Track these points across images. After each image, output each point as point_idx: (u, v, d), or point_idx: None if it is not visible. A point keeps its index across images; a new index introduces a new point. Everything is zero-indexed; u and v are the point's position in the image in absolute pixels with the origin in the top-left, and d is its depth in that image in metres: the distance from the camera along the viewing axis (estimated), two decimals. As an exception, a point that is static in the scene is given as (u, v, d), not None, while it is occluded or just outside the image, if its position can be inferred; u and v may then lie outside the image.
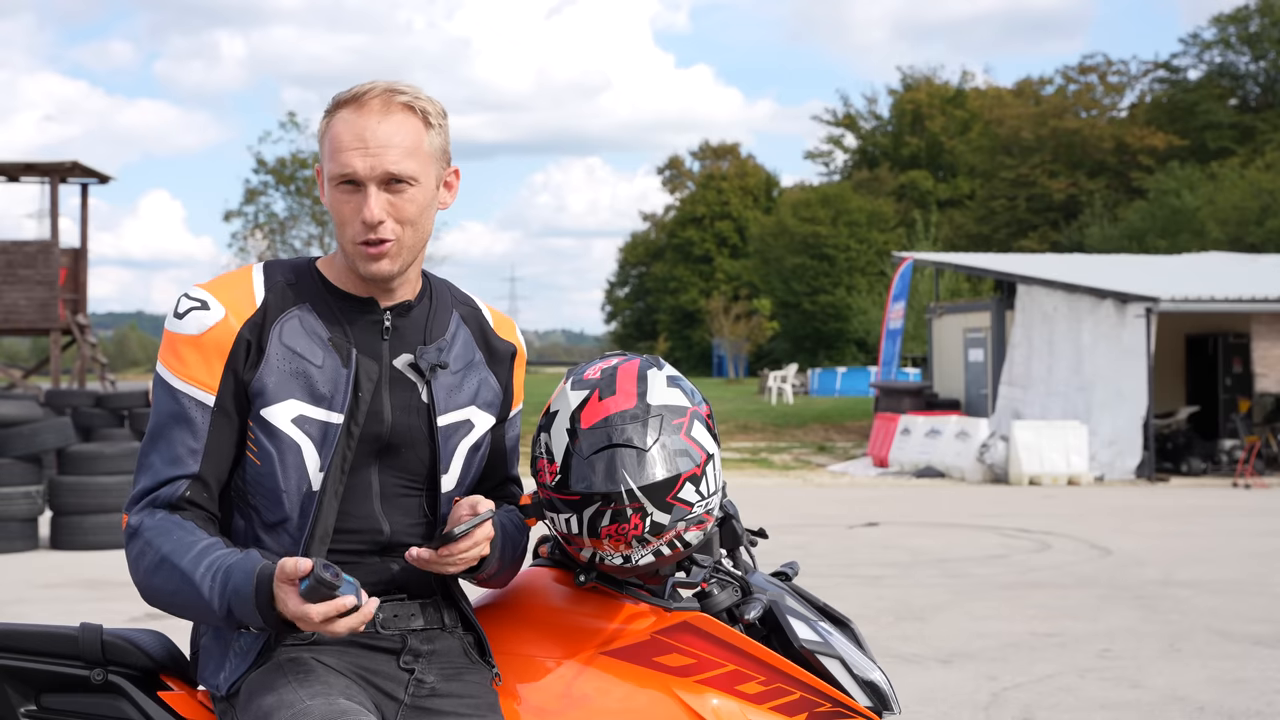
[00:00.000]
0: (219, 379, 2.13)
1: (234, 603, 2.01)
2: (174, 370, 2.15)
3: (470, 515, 2.14)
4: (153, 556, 2.08)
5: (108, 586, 9.04)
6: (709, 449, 2.22)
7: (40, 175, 23.57)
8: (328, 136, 2.16)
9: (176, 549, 2.07)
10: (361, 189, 2.13)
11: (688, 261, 69.64)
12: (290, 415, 2.13)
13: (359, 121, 2.13)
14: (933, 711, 5.74)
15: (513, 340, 2.38)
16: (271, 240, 40.59)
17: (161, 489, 2.13)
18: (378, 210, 2.12)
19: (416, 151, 2.15)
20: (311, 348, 2.16)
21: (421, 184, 2.16)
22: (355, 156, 2.12)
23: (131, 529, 2.12)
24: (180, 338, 2.15)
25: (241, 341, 2.14)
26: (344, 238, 2.16)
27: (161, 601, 2.11)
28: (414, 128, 2.15)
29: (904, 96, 67.29)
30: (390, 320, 2.22)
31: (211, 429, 2.13)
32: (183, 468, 2.13)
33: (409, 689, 2.18)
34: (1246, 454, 19.13)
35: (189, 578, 2.05)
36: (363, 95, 2.15)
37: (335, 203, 2.16)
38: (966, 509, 14.53)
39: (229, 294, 2.17)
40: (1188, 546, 11.34)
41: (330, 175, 2.15)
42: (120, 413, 15.42)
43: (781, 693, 2.30)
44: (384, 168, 2.12)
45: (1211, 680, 6.35)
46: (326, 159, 2.16)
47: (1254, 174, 42.90)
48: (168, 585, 2.07)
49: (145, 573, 2.10)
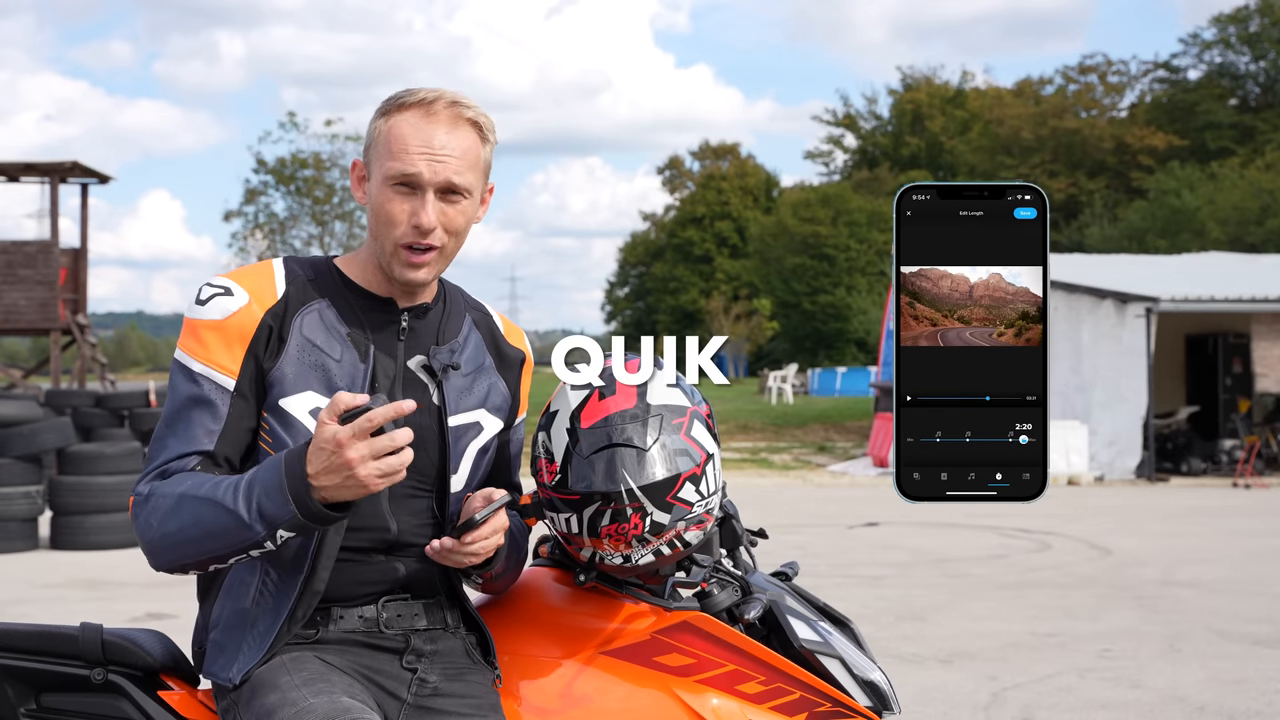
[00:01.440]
0: (240, 364, 2.14)
1: (263, 498, 1.98)
2: (194, 354, 2.15)
3: (486, 504, 2.15)
4: (167, 503, 2.06)
5: (108, 586, 9.05)
6: (709, 449, 2.22)
7: (40, 175, 23.57)
8: (388, 135, 2.17)
9: (194, 485, 2.05)
10: (418, 193, 2.15)
11: (688, 261, 69.66)
12: (308, 407, 2.14)
13: (427, 128, 2.15)
14: (933, 711, 5.74)
15: (522, 347, 2.41)
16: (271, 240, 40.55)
17: (172, 463, 2.12)
18: (435, 215, 2.14)
19: (475, 166, 2.19)
20: (330, 342, 2.18)
21: (472, 197, 2.20)
22: (421, 160, 2.14)
23: (141, 496, 2.10)
24: (202, 323, 2.15)
25: (264, 328, 2.15)
26: (386, 237, 2.17)
27: (179, 542, 2.05)
28: (475, 142, 2.19)
29: (904, 96, 67.31)
30: (407, 321, 2.24)
31: (231, 412, 2.14)
32: (197, 445, 2.12)
33: (412, 688, 2.18)
34: (1246, 454, 19.13)
35: (209, 500, 2.02)
36: (431, 102, 2.17)
37: (384, 201, 2.16)
38: (966, 509, 14.53)
39: (252, 282, 2.18)
40: (1188, 546, 11.34)
41: (388, 173, 2.15)
42: (120, 413, 15.42)
43: (781, 692, 2.30)
44: (447, 176, 2.15)
45: (1211, 680, 6.35)
46: (384, 156, 2.16)
47: (1254, 174, 42.89)
48: (187, 520, 2.04)
49: (160, 521, 2.06)
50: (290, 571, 2.14)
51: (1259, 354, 19.47)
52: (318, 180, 38.94)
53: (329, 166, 39.03)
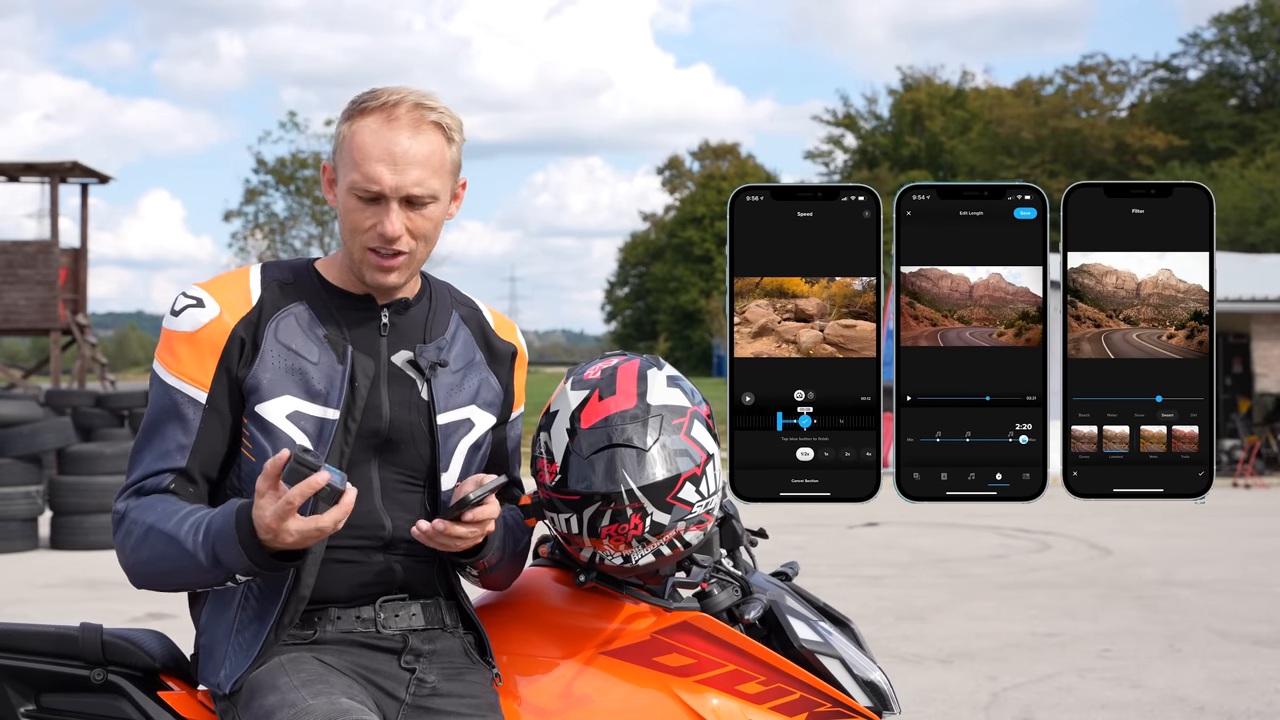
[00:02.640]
0: (212, 376, 2.14)
1: (218, 545, 2.02)
2: (168, 366, 2.16)
3: (478, 488, 2.14)
4: (139, 531, 2.10)
5: (108, 586, 9.04)
6: (709, 449, 2.22)
7: (40, 175, 23.57)
8: (351, 143, 2.14)
9: (161, 517, 2.09)
10: (381, 202, 2.13)
11: (688, 261, 69.64)
12: (285, 411, 2.14)
13: (388, 135, 2.12)
14: (933, 711, 5.74)
15: (513, 341, 2.39)
16: (271, 240, 40.57)
17: (147, 480, 2.15)
18: (399, 225, 2.13)
19: (440, 170, 2.16)
20: (307, 345, 2.17)
21: (440, 200, 2.17)
22: (383, 171, 2.11)
23: (118, 515, 2.14)
24: (175, 335, 2.16)
25: (235, 339, 2.15)
26: (354, 243, 2.16)
27: (150, 572, 2.12)
28: (439, 145, 2.16)
29: (904, 96, 67.28)
30: (388, 317, 2.23)
31: (202, 426, 2.14)
32: (170, 462, 2.14)
33: (410, 688, 2.18)
34: (1246, 454, 19.13)
35: (173, 538, 2.06)
36: (392, 107, 2.13)
37: (350, 209, 2.15)
38: (966, 509, 14.53)
39: (225, 293, 2.18)
40: (1188, 546, 11.34)
41: (351, 184, 2.14)
42: (120, 413, 15.41)
43: (781, 693, 2.30)
44: (408, 188, 2.12)
45: (1211, 680, 6.35)
46: (347, 165, 2.15)
47: (1254, 174, 42.89)
48: (154, 553, 2.09)
49: (132, 548, 2.11)
50: (275, 578, 2.14)
51: (1259, 354, 19.48)
52: (318, 180, 38.95)
53: (329, 166, 38.98)
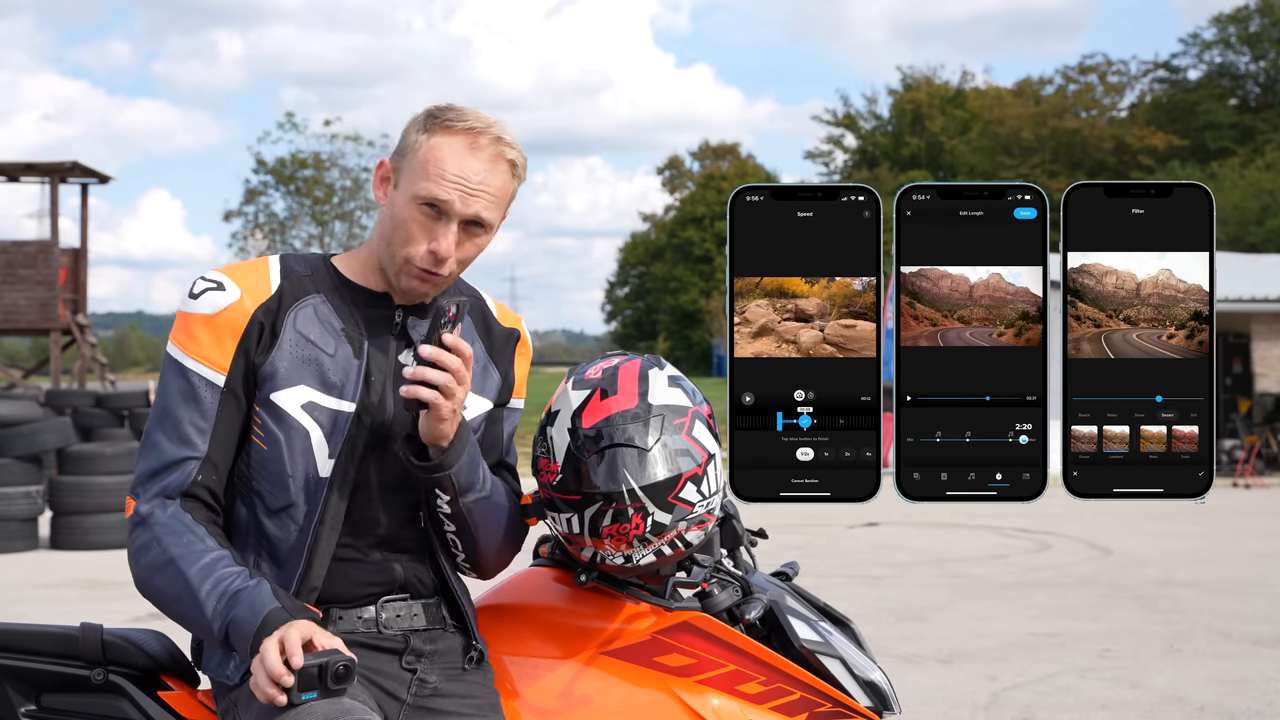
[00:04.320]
0: (230, 359, 2.14)
1: (232, 631, 2.02)
2: (185, 349, 2.15)
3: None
4: (159, 554, 2.08)
5: (108, 586, 9.05)
6: (710, 449, 2.22)
7: (40, 175, 23.57)
8: (428, 155, 2.16)
9: (185, 554, 2.06)
10: (443, 220, 2.15)
11: (688, 261, 69.62)
12: (300, 401, 2.14)
13: (469, 159, 2.16)
14: (933, 711, 5.74)
15: (516, 326, 2.39)
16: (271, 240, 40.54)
17: (171, 473, 2.12)
18: (453, 245, 2.15)
19: (501, 203, 2.21)
20: (325, 336, 2.18)
21: (491, 231, 2.22)
22: (455, 190, 2.14)
23: (140, 516, 2.11)
24: (194, 317, 2.16)
25: (255, 324, 2.15)
26: (399, 248, 2.17)
27: (158, 600, 2.11)
28: (508, 180, 2.21)
29: (904, 96, 67.26)
30: (401, 317, 2.24)
31: (220, 409, 2.14)
32: (191, 448, 2.12)
33: (411, 689, 2.18)
34: (1246, 454, 19.13)
35: (192, 589, 2.04)
36: (478, 134, 2.17)
37: (408, 217, 2.16)
38: (966, 509, 14.53)
39: (246, 278, 2.18)
40: (1188, 546, 11.33)
41: (419, 192, 2.15)
42: (120, 413, 15.42)
43: (782, 693, 2.30)
44: (477, 210, 2.16)
45: (1211, 680, 6.35)
46: (418, 173, 2.16)
47: (1254, 174, 42.89)
48: (170, 589, 2.07)
49: (148, 569, 2.09)
50: (286, 568, 2.15)
51: (1259, 354, 19.48)
52: (317, 180, 38.94)
53: (329, 166, 39.03)
